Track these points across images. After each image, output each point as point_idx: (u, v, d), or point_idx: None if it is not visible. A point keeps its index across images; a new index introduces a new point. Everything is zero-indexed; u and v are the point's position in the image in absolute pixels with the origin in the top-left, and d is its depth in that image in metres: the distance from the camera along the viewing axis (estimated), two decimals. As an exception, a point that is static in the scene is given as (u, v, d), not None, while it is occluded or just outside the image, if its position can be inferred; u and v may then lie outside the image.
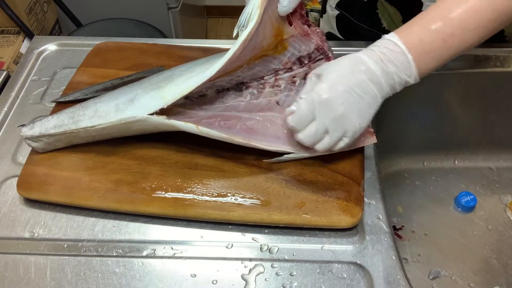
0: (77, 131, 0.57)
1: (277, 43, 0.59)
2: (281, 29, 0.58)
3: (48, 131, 0.58)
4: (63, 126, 0.58)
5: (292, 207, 0.54)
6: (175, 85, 0.56)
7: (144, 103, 0.56)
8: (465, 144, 0.86)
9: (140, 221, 0.57)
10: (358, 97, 0.52)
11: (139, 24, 1.58)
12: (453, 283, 0.72)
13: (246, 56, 0.57)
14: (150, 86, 0.58)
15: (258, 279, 0.52)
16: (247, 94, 0.61)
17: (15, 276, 0.52)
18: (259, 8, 0.53)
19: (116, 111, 0.56)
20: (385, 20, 0.83)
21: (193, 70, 0.59)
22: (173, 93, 0.55)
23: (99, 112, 0.57)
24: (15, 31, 1.64)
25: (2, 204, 0.59)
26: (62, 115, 0.59)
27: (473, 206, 0.80)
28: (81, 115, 0.58)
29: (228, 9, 2.62)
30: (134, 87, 0.60)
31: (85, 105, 0.60)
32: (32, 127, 0.59)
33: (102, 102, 0.59)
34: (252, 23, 0.53)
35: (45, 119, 0.60)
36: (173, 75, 0.59)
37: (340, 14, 0.89)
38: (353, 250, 0.54)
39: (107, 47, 0.77)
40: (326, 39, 0.63)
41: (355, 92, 0.51)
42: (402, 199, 0.82)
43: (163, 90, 0.56)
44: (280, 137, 0.59)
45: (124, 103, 0.57)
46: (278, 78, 0.61)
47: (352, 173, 0.58)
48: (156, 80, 0.60)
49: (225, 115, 0.59)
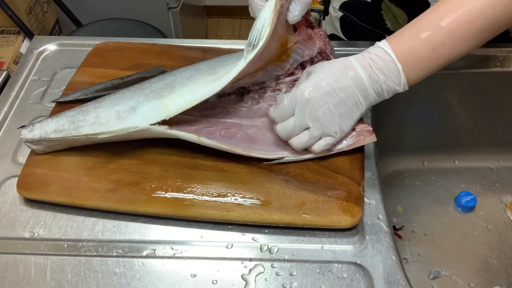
0: (78, 137, 0.57)
1: (281, 53, 0.59)
2: (286, 39, 0.58)
3: (48, 136, 0.58)
4: (63, 131, 0.58)
5: (292, 207, 0.54)
6: (177, 96, 0.56)
7: (146, 113, 0.56)
8: (465, 144, 0.86)
9: (140, 221, 0.57)
10: (340, 101, 0.53)
11: (139, 24, 1.58)
12: (453, 283, 0.72)
13: (251, 69, 0.57)
14: (152, 94, 0.58)
15: (258, 279, 0.52)
16: (248, 98, 0.61)
17: (15, 276, 0.52)
18: (269, 25, 0.52)
19: (118, 119, 0.56)
20: (390, 21, 0.83)
21: (196, 80, 0.58)
22: (176, 105, 0.55)
23: (100, 119, 0.57)
24: (15, 31, 1.64)
25: (2, 204, 0.59)
26: (63, 119, 0.59)
27: (473, 206, 0.80)
28: (81, 120, 0.58)
29: (228, 9, 2.62)
30: (135, 93, 0.59)
31: (85, 109, 0.59)
32: (32, 129, 0.59)
33: (102, 108, 0.59)
34: (262, 41, 0.52)
35: (45, 122, 0.60)
36: (174, 82, 0.59)
37: (344, 15, 0.89)
38: (353, 250, 0.54)
39: (107, 47, 0.77)
40: (329, 41, 0.63)
41: (338, 96, 0.52)
42: (402, 199, 0.82)
43: (165, 101, 0.56)
44: (279, 145, 0.59)
45: (126, 111, 0.57)
46: (279, 82, 0.61)
47: (352, 173, 0.58)
48: (157, 87, 0.59)
49: (226, 123, 0.59)
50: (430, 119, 0.83)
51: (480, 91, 0.79)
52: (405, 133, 0.84)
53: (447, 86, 0.78)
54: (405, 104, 0.79)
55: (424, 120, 0.83)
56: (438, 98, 0.80)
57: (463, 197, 0.80)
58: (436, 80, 0.77)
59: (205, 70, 0.60)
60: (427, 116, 0.83)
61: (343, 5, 0.89)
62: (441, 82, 0.77)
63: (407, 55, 0.52)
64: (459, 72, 0.76)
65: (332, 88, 0.52)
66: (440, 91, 0.79)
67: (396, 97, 0.53)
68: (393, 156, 0.86)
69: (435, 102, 0.80)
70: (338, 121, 0.54)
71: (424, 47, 0.52)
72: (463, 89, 0.78)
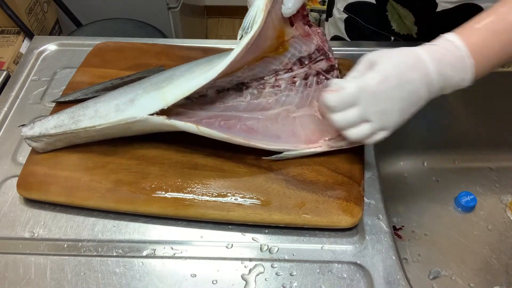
0: (77, 131, 0.57)
1: (278, 45, 0.59)
2: (283, 31, 0.58)
3: (48, 131, 0.58)
4: (63, 126, 0.58)
5: (292, 207, 0.54)
6: (175, 86, 0.56)
7: (144, 104, 0.56)
8: (465, 144, 0.85)
9: (140, 221, 0.57)
10: (406, 95, 0.50)
11: (139, 24, 1.58)
12: (453, 283, 0.72)
13: (248, 58, 0.57)
14: (151, 87, 0.58)
15: (258, 279, 0.52)
16: (247, 94, 0.61)
17: (15, 276, 0.52)
18: (263, 11, 0.53)
19: (116, 111, 0.56)
20: (395, 22, 0.83)
21: (193, 71, 0.59)
22: (174, 94, 0.55)
23: (99, 112, 0.57)
24: (15, 31, 1.64)
25: (2, 204, 0.59)
26: (63, 115, 0.59)
27: (473, 206, 0.80)
28: (81, 115, 0.58)
29: (228, 9, 2.62)
30: (135, 87, 0.60)
31: (85, 105, 0.60)
32: (32, 127, 0.59)
33: (102, 102, 0.59)
34: (256, 26, 0.53)
35: (45, 119, 0.60)
36: (173, 75, 0.59)
37: (349, 17, 0.89)
38: (353, 250, 0.54)
39: (107, 47, 0.77)
40: (326, 39, 0.63)
41: (405, 90, 0.50)
42: (402, 199, 0.82)
43: (163, 91, 0.56)
44: (280, 136, 0.59)
45: (125, 103, 0.57)
46: (278, 78, 0.61)
47: (352, 173, 0.58)
48: (156, 81, 0.60)
49: (225, 115, 0.59)
50: (430, 119, 0.83)
51: (480, 91, 0.79)
52: (405, 133, 0.84)
53: (447, 86, 0.78)
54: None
55: (424, 120, 0.83)
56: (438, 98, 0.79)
57: (463, 197, 0.80)
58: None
59: (202, 63, 0.61)
60: (427, 116, 0.82)
61: (348, 6, 0.88)
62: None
63: (481, 50, 0.50)
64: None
65: (401, 81, 0.49)
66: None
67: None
68: (393, 156, 0.86)
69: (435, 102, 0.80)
70: (399, 115, 0.51)
71: (497, 42, 0.50)
72: (463, 89, 0.78)
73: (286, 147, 0.58)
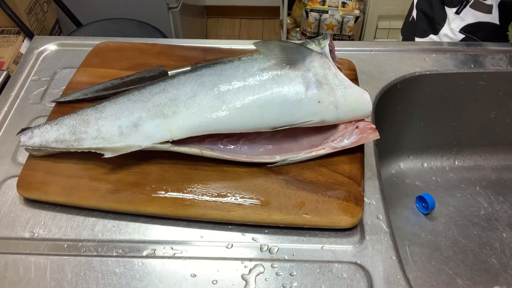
0: (81, 150, 0.57)
1: None
2: None
3: (49, 145, 0.58)
4: (65, 142, 0.58)
5: (292, 207, 0.54)
6: (182, 120, 0.56)
7: (149, 132, 0.56)
8: (465, 144, 0.86)
9: (140, 221, 0.57)
10: None
11: (139, 24, 1.58)
12: (453, 283, 0.72)
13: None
14: (154, 110, 0.57)
15: (258, 279, 0.52)
16: None
17: (15, 276, 0.52)
18: None
19: (120, 135, 0.57)
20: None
21: (200, 101, 0.57)
22: (180, 131, 0.56)
23: (102, 133, 0.57)
24: (15, 31, 1.64)
25: (2, 204, 0.59)
26: (63, 127, 0.58)
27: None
28: (83, 132, 0.58)
29: (228, 9, 2.62)
30: (137, 106, 0.58)
31: (86, 119, 0.58)
32: (31, 136, 0.58)
33: (104, 120, 0.58)
34: None
35: (44, 129, 0.59)
36: (177, 100, 0.57)
37: (466, 37, 0.89)
38: (353, 250, 0.54)
39: (107, 47, 0.77)
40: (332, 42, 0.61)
41: None
42: (402, 199, 0.82)
43: (169, 122, 0.56)
44: (282, 147, 0.59)
45: (128, 127, 0.57)
46: None
47: (352, 173, 0.58)
48: (159, 103, 0.57)
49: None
50: (430, 119, 0.83)
51: (480, 91, 0.79)
52: (405, 133, 0.84)
53: (447, 86, 0.78)
54: (405, 104, 0.79)
55: (424, 120, 0.83)
56: (438, 98, 0.80)
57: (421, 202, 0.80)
58: (436, 80, 0.77)
59: (208, 86, 0.58)
60: (428, 116, 0.82)
61: (466, 27, 0.88)
62: (441, 82, 0.77)
63: None
64: (459, 72, 0.76)
65: None
66: (440, 91, 0.79)
67: (396, 97, 0.54)
68: (393, 156, 0.86)
69: (435, 102, 0.80)
70: None
71: None
72: (463, 89, 0.78)
73: (290, 155, 0.58)
